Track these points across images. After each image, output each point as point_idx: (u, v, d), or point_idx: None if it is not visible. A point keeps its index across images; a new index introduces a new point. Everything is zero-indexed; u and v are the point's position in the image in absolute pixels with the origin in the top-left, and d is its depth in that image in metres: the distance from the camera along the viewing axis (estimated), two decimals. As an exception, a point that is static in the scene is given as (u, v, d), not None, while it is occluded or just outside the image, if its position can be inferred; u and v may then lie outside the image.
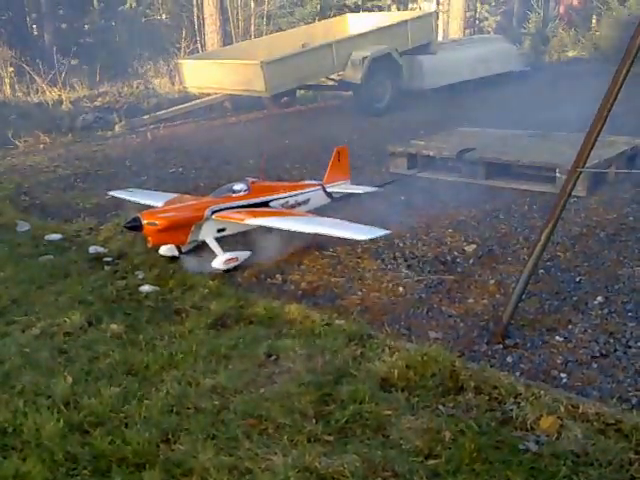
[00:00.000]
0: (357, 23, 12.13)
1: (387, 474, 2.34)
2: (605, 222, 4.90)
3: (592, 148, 2.95)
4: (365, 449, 2.46)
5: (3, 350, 3.32)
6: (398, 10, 18.27)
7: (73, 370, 3.10)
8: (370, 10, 17.30)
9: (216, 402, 2.80)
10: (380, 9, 17.93)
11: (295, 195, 4.96)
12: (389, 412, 2.68)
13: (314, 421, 2.63)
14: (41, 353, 3.28)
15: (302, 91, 12.36)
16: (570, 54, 15.44)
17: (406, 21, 10.98)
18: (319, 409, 2.72)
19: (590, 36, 15.71)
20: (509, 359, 3.18)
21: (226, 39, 13.21)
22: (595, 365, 3.09)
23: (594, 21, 17.75)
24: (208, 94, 10.81)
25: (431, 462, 2.39)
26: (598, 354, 3.17)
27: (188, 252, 4.60)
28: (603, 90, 2.86)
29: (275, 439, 2.54)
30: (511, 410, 2.67)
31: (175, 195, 4.95)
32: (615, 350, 3.19)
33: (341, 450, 2.45)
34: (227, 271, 4.34)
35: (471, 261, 4.37)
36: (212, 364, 3.11)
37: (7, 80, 11.87)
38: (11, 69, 11.94)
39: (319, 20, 14.87)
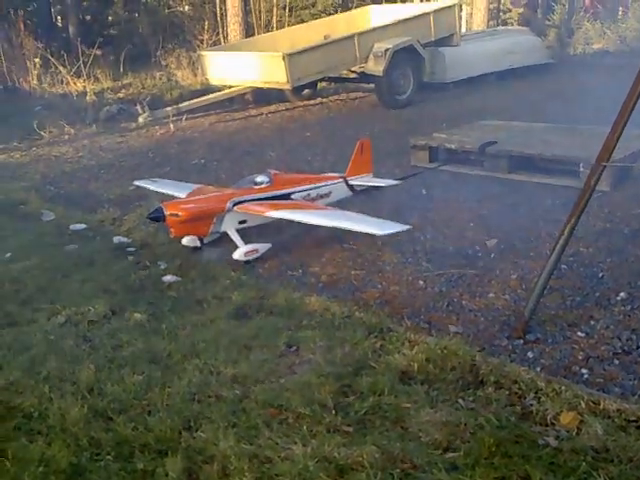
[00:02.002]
0: (379, 14, 12.04)
1: (405, 466, 2.35)
2: (629, 217, 4.84)
3: (617, 142, 2.92)
4: (384, 440, 2.47)
5: (29, 337, 3.39)
6: (421, 1, 18.11)
7: (97, 358, 3.16)
8: (392, 1, 17.15)
9: (237, 391, 2.83)
10: (403, 0, 17.78)
11: (317, 188, 4.95)
12: (408, 405, 2.69)
13: (333, 412, 2.66)
14: (66, 340, 3.34)
15: (324, 83, 12.33)
16: (595, 46, 15.19)
17: (429, 13, 10.87)
18: (339, 400, 2.74)
19: (616, 28, 15.45)
20: (530, 354, 3.17)
21: (248, 31, 13.21)
22: (617, 361, 3.06)
23: (620, 13, 17.46)
24: (230, 86, 10.83)
25: (450, 455, 2.40)
26: (620, 350, 3.15)
27: (210, 243, 4.64)
28: (629, 83, 2.82)
29: (295, 429, 2.56)
30: (531, 405, 2.67)
31: (198, 185, 5.00)
32: (637, 347, 3.16)
33: (360, 441, 2.47)
34: (248, 262, 4.38)
35: (492, 255, 4.35)
36: (233, 354, 3.14)
37: (34, 71, 12.01)
38: (37, 60, 12.07)
39: (341, 12, 14.80)
